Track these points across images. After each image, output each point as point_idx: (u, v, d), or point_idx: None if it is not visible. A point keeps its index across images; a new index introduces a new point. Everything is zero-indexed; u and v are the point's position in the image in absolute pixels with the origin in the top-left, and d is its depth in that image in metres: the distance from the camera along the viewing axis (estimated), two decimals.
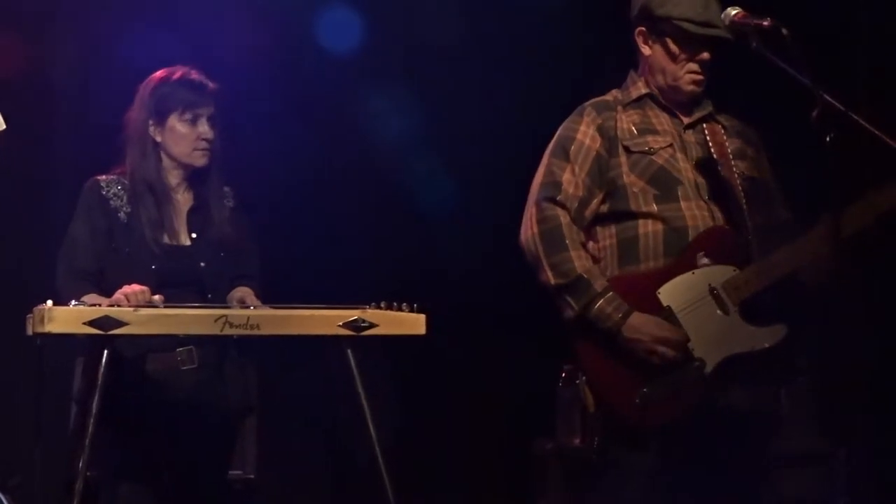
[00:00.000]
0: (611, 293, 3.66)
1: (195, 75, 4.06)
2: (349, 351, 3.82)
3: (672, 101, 3.84)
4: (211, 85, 4.06)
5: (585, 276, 3.67)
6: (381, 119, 5.33)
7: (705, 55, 3.76)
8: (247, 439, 4.18)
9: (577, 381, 3.82)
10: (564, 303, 3.70)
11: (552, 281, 3.71)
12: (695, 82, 3.79)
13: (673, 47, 3.76)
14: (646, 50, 3.82)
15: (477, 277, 5.35)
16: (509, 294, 4.52)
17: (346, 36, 5.24)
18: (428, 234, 5.40)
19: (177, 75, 4.05)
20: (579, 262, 3.69)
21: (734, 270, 3.68)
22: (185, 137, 4.03)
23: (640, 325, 3.63)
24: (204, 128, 4.03)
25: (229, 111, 4.13)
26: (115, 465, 3.92)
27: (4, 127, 3.17)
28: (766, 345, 3.65)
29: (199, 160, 4.05)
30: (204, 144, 4.03)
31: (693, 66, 3.77)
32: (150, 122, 4.04)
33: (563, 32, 5.37)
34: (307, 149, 5.25)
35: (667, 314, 3.66)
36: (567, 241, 3.70)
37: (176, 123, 4.03)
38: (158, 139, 4.05)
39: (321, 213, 5.35)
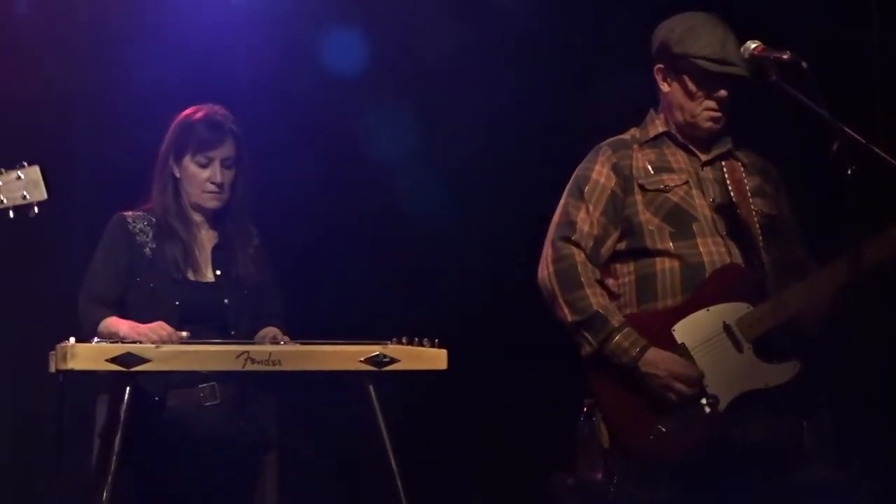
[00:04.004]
0: (628, 328, 3.68)
1: (219, 116, 4.07)
2: (370, 386, 3.82)
3: (690, 138, 3.84)
4: (233, 126, 4.06)
5: (602, 311, 3.69)
6: (390, 146, 5.33)
7: (723, 93, 3.76)
8: (267, 475, 4.17)
9: (594, 417, 3.82)
10: (582, 339, 3.73)
11: (569, 318, 3.73)
12: (713, 119, 3.79)
13: (690, 85, 3.77)
14: (664, 87, 3.84)
15: (498, 308, 5.34)
16: (531, 325, 4.51)
17: (353, 60, 5.24)
18: (447, 266, 5.39)
19: (199, 114, 4.07)
20: (595, 298, 3.71)
21: (748, 308, 3.69)
22: (195, 179, 4.05)
23: (657, 360, 3.65)
24: (214, 172, 4.03)
25: (254, 147, 4.15)
26: (137, 502, 3.91)
27: (46, 197, 3.21)
28: (780, 382, 3.67)
29: (208, 203, 4.06)
30: (212, 188, 4.04)
31: (711, 103, 3.77)
32: (171, 158, 4.07)
33: (561, 53, 5.37)
34: (320, 184, 5.25)
35: (682, 351, 3.68)
36: (582, 279, 3.73)
37: (189, 164, 4.05)
38: (178, 175, 4.07)
39: (338, 247, 5.35)
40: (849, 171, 3.26)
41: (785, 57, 3.51)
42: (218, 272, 4.07)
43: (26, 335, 4.52)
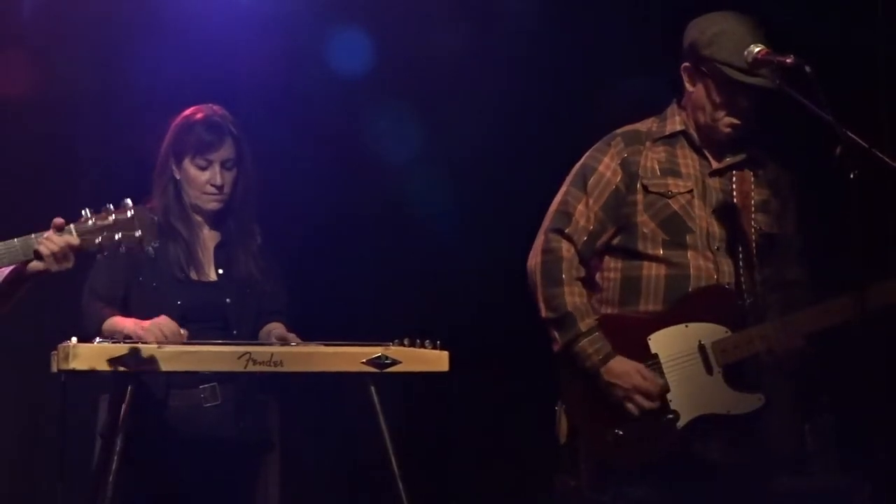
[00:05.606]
0: (595, 334, 3.68)
1: (217, 117, 4.06)
2: (372, 388, 3.82)
3: (707, 141, 3.79)
4: (232, 127, 4.06)
5: (573, 312, 3.70)
6: (394, 146, 5.33)
7: (744, 103, 3.70)
8: (269, 476, 4.18)
9: (557, 410, 3.82)
10: (552, 335, 3.75)
11: (543, 313, 3.76)
12: (732, 126, 3.73)
13: (714, 90, 3.71)
14: (689, 86, 3.78)
15: (500, 310, 5.33)
16: (533, 327, 4.52)
17: (357, 60, 5.24)
18: (450, 268, 5.38)
19: (198, 116, 4.06)
20: (570, 298, 3.72)
21: (726, 332, 3.69)
22: (195, 181, 4.05)
23: (621, 371, 3.66)
24: (214, 174, 4.04)
25: (256, 147, 4.15)
26: (139, 502, 3.92)
27: (157, 241, 3.29)
28: (743, 411, 3.67)
29: (208, 205, 4.07)
30: (211, 190, 4.04)
31: (732, 110, 3.71)
32: (171, 160, 4.07)
33: (568, 50, 5.37)
34: (322, 184, 5.25)
35: (653, 362, 3.68)
36: (563, 276, 3.73)
37: (189, 167, 4.06)
38: (178, 177, 4.08)
39: (340, 248, 5.34)
40: (852, 176, 3.25)
41: (788, 61, 3.50)
42: (220, 271, 4.07)
43: (28, 335, 4.52)
